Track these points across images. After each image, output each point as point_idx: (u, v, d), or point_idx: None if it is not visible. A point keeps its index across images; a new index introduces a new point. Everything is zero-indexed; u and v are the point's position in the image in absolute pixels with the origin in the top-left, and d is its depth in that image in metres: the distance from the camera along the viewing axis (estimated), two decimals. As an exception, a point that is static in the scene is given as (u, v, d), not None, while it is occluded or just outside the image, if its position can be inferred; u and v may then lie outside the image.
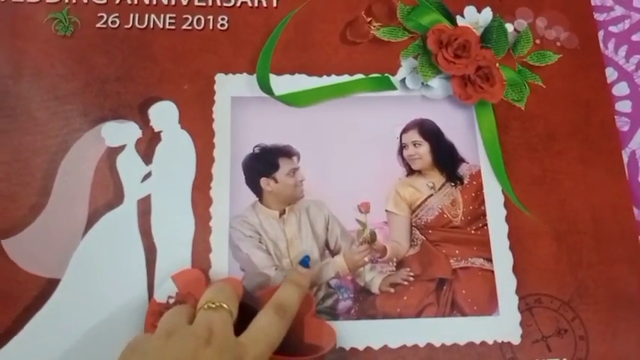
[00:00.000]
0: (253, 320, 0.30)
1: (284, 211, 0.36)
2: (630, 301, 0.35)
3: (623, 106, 0.41)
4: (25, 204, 0.35)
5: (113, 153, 0.36)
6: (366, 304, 0.35)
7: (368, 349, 0.34)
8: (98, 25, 0.39)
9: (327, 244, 0.36)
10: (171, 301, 0.33)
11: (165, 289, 0.34)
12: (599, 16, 0.43)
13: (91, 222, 0.35)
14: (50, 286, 0.34)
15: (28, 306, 0.33)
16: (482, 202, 0.37)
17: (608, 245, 0.36)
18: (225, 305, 0.30)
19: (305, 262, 0.34)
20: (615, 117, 0.40)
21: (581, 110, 0.40)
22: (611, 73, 0.42)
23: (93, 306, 0.33)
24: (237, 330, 0.29)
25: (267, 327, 0.29)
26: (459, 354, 0.34)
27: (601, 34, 0.43)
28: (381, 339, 0.34)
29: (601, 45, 0.42)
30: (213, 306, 0.29)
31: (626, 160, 0.40)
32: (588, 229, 0.37)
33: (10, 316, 0.33)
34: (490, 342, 0.34)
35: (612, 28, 0.43)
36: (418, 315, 0.35)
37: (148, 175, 0.36)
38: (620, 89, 0.42)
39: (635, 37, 0.43)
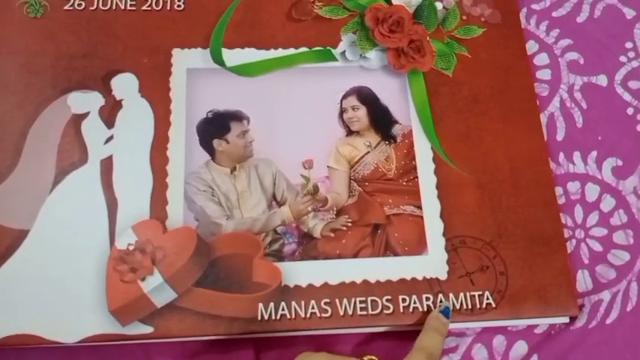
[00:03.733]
0: None
1: (235, 168, 0.40)
2: (545, 240, 0.40)
3: (543, 74, 0.46)
4: (1, 165, 0.39)
5: (78, 119, 0.40)
6: (308, 247, 0.39)
7: (310, 285, 0.37)
8: (66, 8, 0.43)
9: (274, 197, 0.40)
10: (131, 247, 0.37)
11: (126, 238, 0.37)
12: (522, -6, 0.48)
13: (57, 180, 0.39)
14: (20, 235, 0.37)
15: (1, 253, 0.37)
16: (413, 157, 0.41)
17: (525, 192, 0.41)
18: None
19: (446, 312, 0.36)
20: (535, 84, 0.45)
21: (502, 76, 0.44)
22: (532, 46, 0.47)
23: (59, 252, 0.37)
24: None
25: None
26: (392, 288, 0.38)
27: (524, 11, 0.48)
28: (322, 277, 0.38)
29: (523, 20, 0.47)
30: None
31: (545, 121, 0.44)
32: (507, 178, 0.41)
33: (-16, 262, 0.37)
34: (420, 278, 0.38)
35: (534, 6, 0.48)
36: (355, 255, 0.39)
37: (110, 138, 0.40)
38: (541, 59, 0.46)
39: (555, 14, 0.48)
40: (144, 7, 0.44)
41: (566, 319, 0.39)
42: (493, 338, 0.38)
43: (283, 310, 0.37)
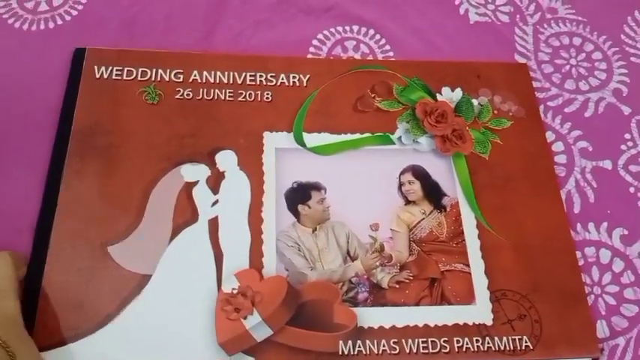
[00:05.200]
0: None
1: (316, 228, 0.49)
2: (570, 295, 0.48)
3: (560, 159, 0.56)
4: (125, 222, 0.47)
5: (190, 186, 0.49)
6: (378, 296, 0.47)
7: (381, 327, 0.45)
8: (177, 97, 0.53)
9: (348, 253, 0.48)
10: (235, 291, 0.45)
11: (230, 283, 0.45)
12: (540, 95, 0.59)
13: (174, 235, 0.47)
14: (144, 279, 0.45)
15: (128, 294, 0.44)
16: (461, 224, 0.50)
17: (553, 255, 0.49)
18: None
19: None
20: (555, 166, 0.55)
21: (529, 160, 0.54)
22: (550, 135, 0.57)
23: (176, 294, 0.45)
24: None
25: None
26: (447, 332, 0.45)
27: (542, 107, 0.58)
28: (390, 320, 0.45)
29: (542, 115, 0.58)
30: None
31: (564, 197, 0.54)
32: (538, 244, 0.50)
33: (114, 301, 0.44)
34: (470, 323, 0.46)
35: (550, 103, 0.59)
36: (417, 304, 0.47)
37: (215, 202, 0.49)
38: (558, 147, 0.57)
39: (566, 110, 0.59)
40: (240, 99, 0.54)
41: (590, 361, 0.47)
42: (536, 375, 0.46)
43: (360, 347, 0.44)
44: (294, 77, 0.56)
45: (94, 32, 0.57)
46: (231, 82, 0.55)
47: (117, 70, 0.54)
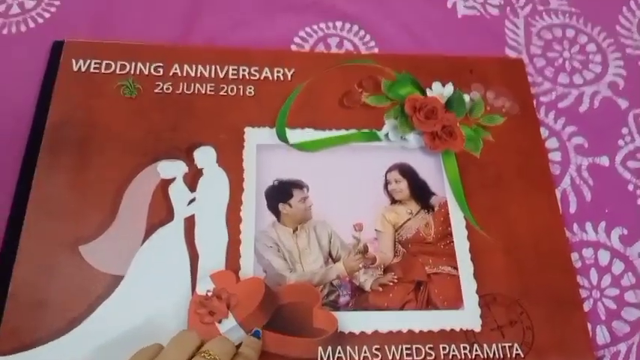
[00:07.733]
0: None
1: (297, 228, 0.47)
2: (565, 299, 0.46)
3: (555, 156, 0.53)
4: (98, 220, 0.45)
5: (166, 183, 0.47)
6: (360, 299, 0.44)
7: (362, 333, 0.43)
8: (156, 91, 0.51)
9: (330, 254, 0.46)
10: (209, 293, 0.43)
11: (205, 285, 0.43)
12: (532, 90, 0.56)
13: (148, 234, 0.45)
14: (116, 280, 0.43)
15: (98, 295, 0.42)
16: (449, 224, 0.48)
17: (546, 257, 0.47)
18: (218, 358, 0.36)
19: (257, 334, 0.41)
20: (549, 164, 0.53)
21: (522, 158, 0.52)
22: (543, 132, 0.54)
23: (148, 296, 0.43)
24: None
25: None
26: (433, 338, 0.43)
27: (534, 102, 0.56)
28: (373, 326, 0.43)
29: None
30: (209, 358, 0.36)
31: (559, 196, 0.51)
32: (530, 246, 0.47)
33: (84, 302, 0.42)
34: (457, 329, 0.44)
35: (542, 99, 0.56)
36: (401, 308, 0.44)
37: (192, 200, 0.47)
38: (552, 143, 0.54)
39: (560, 105, 0.56)
40: (221, 93, 0.52)
41: (585, 371, 0.44)
42: (527, 385, 0.43)
43: (340, 353, 0.42)
44: (278, 71, 0.54)
45: (71, 29, 0.55)
46: (212, 75, 0.53)
47: (95, 63, 0.52)
